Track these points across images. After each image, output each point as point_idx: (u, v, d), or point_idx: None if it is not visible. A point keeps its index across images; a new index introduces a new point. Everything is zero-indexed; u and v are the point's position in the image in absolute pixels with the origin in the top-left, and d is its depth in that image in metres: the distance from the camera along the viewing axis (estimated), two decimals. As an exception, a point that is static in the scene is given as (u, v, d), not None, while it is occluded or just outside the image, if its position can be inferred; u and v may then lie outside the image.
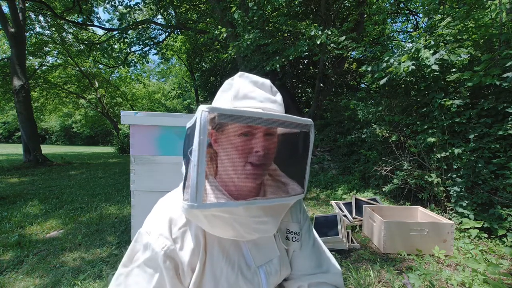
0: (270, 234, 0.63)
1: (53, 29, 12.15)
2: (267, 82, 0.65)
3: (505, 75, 2.59)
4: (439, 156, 3.11)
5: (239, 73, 0.65)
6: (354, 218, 3.11)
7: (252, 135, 0.58)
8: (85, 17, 10.63)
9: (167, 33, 11.34)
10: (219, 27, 5.71)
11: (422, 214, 2.80)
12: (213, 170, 0.64)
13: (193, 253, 0.60)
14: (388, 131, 3.91)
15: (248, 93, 0.60)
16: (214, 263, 0.61)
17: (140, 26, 9.59)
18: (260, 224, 0.59)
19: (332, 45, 4.75)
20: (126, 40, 9.11)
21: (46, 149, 13.27)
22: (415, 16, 8.02)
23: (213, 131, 0.61)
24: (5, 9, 8.40)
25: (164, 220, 0.61)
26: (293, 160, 0.68)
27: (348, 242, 2.58)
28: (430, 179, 3.15)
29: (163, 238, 0.59)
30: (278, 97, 0.65)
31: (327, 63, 7.46)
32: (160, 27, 10.37)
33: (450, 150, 3.01)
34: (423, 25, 4.98)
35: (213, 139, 0.63)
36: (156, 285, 0.57)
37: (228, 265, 0.61)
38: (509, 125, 2.60)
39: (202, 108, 0.48)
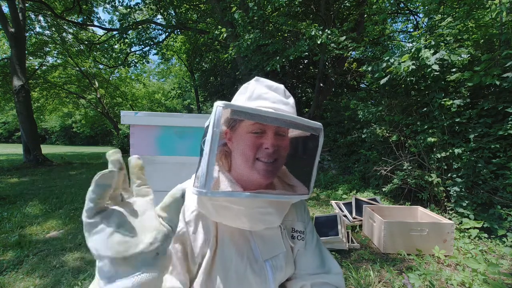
0: (275, 225, 0.65)
1: (53, 29, 12.13)
2: (281, 86, 0.69)
3: (505, 75, 2.59)
4: (439, 156, 3.11)
5: (255, 77, 0.69)
6: (354, 218, 3.11)
7: (263, 132, 0.61)
8: (85, 17, 10.62)
9: (167, 33, 11.33)
10: (219, 27, 5.71)
11: (422, 214, 2.80)
12: (228, 166, 0.67)
13: (205, 238, 0.62)
14: (388, 131, 3.91)
15: (262, 94, 0.64)
16: (225, 252, 0.62)
17: (140, 26, 9.58)
18: (265, 215, 0.61)
19: (332, 45, 4.75)
20: (126, 40, 9.10)
21: (46, 149, 13.26)
22: (415, 16, 8.02)
23: (228, 130, 0.64)
24: (5, 9, 8.40)
25: None
26: (301, 162, 0.70)
27: (348, 242, 2.58)
28: (430, 179, 3.15)
29: None
30: (291, 100, 0.69)
31: (327, 63, 7.45)
32: (160, 27, 10.36)
33: (450, 150, 3.01)
34: (423, 25, 4.98)
35: (227, 138, 0.65)
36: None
37: (238, 256, 0.63)
38: (509, 125, 2.60)
39: (218, 104, 0.51)
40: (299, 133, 0.68)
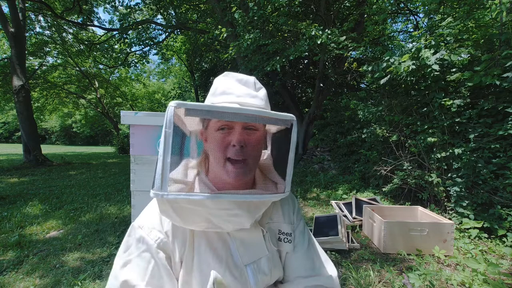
0: (246, 226, 0.61)
1: (53, 29, 12.14)
2: (251, 79, 0.65)
3: (505, 75, 2.59)
4: (439, 156, 3.11)
5: (225, 72, 0.66)
6: (354, 218, 3.11)
7: (230, 129, 0.58)
8: (85, 17, 10.62)
9: (167, 33, 11.34)
10: (219, 27, 5.71)
11: (422, 214, 2.80)
12: (205, 167, 0.65)
13: (182, 246, 0.62)
14: (388, 131, 3.92)
15: (226, 90, 0.61)
16: (201, 258, 0.61)
17: (140, 26, 9.58)
18: (233, 217, 0.58)
19: (332, 45, 4.75)
20: (126, 40, 9.12)
21: (46, 149, 13.27)
22: (415, 16, 8.02)
23: (202, 130, 0.62)
24: (5, 9, 8.40)
25: (155, 215, 0.63)
26: (275, 158, 0.67)
27: (348, 242, 2.58)
28: (430, 179, 3.15)
29: (156, 231, 0.61)
30: (261, 92, 0.64)
31: (327, 63, 7.45)
32: (160, 27, 10.37)
33: (450, 150, 3.01)
34: (424, 25, 4.98)
35: (203, 138, 0.63)
36: (152, 273, 0.59)
37: (216, 260, 0.61)
38: (509, 125, 2.60)
39: (170, 104, 0.49)
40: (273, 127, 0.64)
